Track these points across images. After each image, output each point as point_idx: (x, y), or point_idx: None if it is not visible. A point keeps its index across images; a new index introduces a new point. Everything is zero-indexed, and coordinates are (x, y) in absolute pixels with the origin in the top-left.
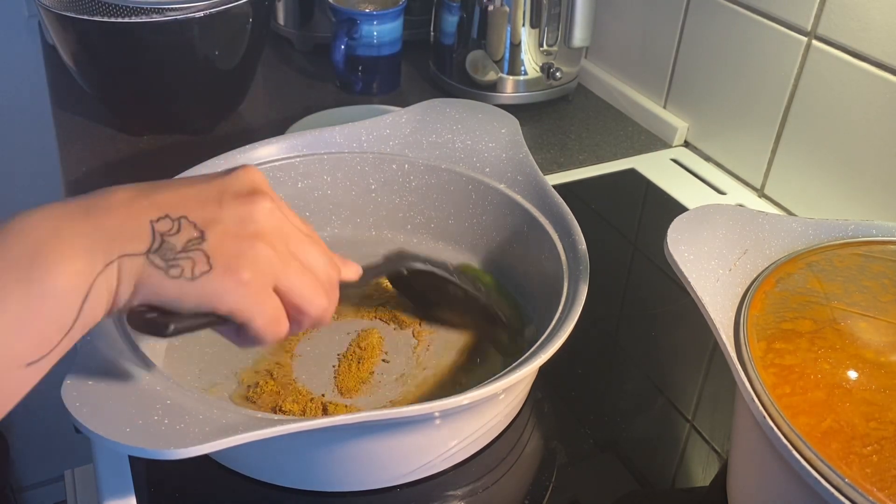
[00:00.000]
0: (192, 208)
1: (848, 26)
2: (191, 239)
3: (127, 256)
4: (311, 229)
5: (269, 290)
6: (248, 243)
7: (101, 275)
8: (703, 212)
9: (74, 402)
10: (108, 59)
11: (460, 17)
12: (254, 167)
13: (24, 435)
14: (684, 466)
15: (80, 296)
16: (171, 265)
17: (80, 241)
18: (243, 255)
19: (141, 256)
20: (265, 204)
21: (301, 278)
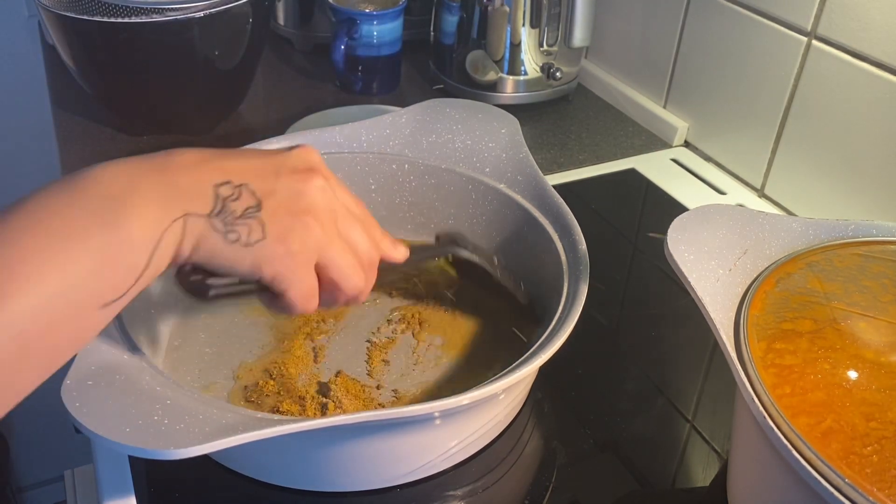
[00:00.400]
0: (253, 178)
1: (848, 26)
2: (249, 207)
3: (192, 216)
4: (363, 207)
5: (311, 265)
6: (300, 218)
7: (169, 228)
8: (703, 212)
9: (74, 402)
10: (108, 59)
11: (460, 17)
12: (311, 147)
13: (24, 435)
14: (684, 466)
15: (151, 245)
16: (230, 230)
17: (154, 195)
18: (294, 227)
19: (203, 217)
20: (318, 182)
21: (343, 256)
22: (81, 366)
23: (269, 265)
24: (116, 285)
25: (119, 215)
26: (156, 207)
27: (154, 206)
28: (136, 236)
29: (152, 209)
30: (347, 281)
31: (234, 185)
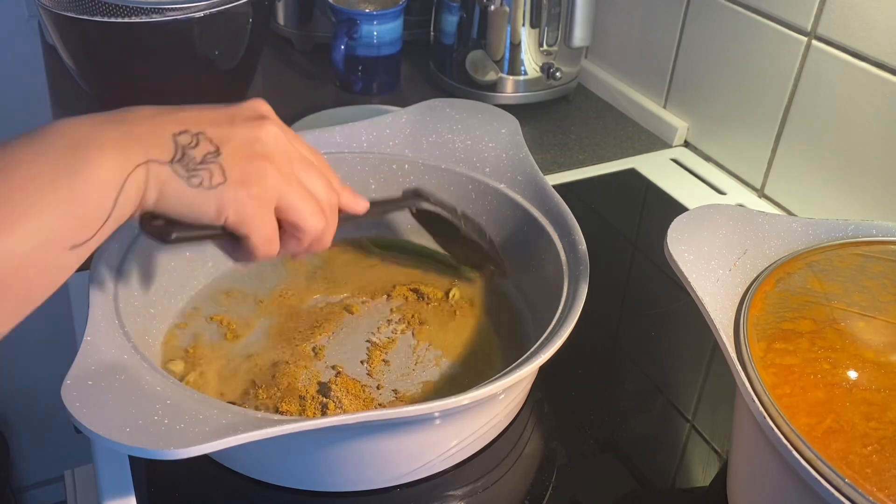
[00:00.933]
0: (208, 126)
1: (848, 26)
2: (208, 153)
3: (154, 162)
4: (320, 157)
5: (271, 209)
6: (257, 162)
7: (132, 174)
8: (703, 212)
9: (74, 402)
10: (108, 59)
11: (460, 17)
12: (262, 100)
13: (24, 435)
14: (684, 466)
15: (115, 188)
16: (192, 174)
17: (115, 142)
18: (252, 171)
19: (166, 164)
20: (272, 129)
21: (301, 199)
22: (81, 366)
23: (233, 208)
24: (83, 227)
25: (83, 161)
26: (117, 153)
27: (116, 153)
28: (101, 179)
29: (114, 155)
30: (307, 222)
31: (192, 133)
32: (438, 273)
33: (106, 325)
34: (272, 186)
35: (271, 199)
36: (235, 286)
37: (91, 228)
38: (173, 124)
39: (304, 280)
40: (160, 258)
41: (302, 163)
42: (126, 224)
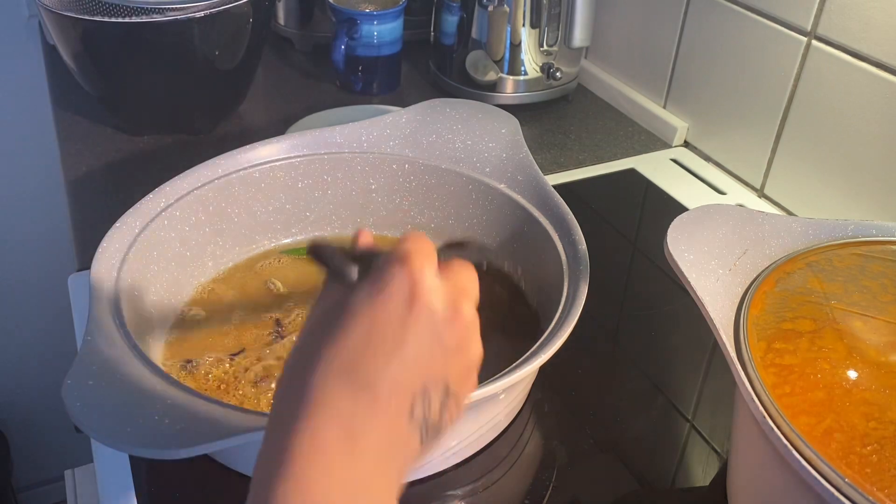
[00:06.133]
0: (432, 384)
1: (848, 26)
2: (441, 406)
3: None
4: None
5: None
6: (472, 376)
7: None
8: (703, 212)
9: (74, 402)
10: (107, 59)
11: (460, 17)
12: (417, 272)
13: (24, 435)
14: (684, 466)
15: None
16: (435, 433)
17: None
18: (469, 382)
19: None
20: (473, 337)
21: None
22: (81, 366)
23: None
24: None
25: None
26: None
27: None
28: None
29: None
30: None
31: (428, 406)
32: None
33: (106, 325)
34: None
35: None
36: (235, 286)
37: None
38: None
39: (306, 281)
40: (160, 258)
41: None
42: (126, 225)
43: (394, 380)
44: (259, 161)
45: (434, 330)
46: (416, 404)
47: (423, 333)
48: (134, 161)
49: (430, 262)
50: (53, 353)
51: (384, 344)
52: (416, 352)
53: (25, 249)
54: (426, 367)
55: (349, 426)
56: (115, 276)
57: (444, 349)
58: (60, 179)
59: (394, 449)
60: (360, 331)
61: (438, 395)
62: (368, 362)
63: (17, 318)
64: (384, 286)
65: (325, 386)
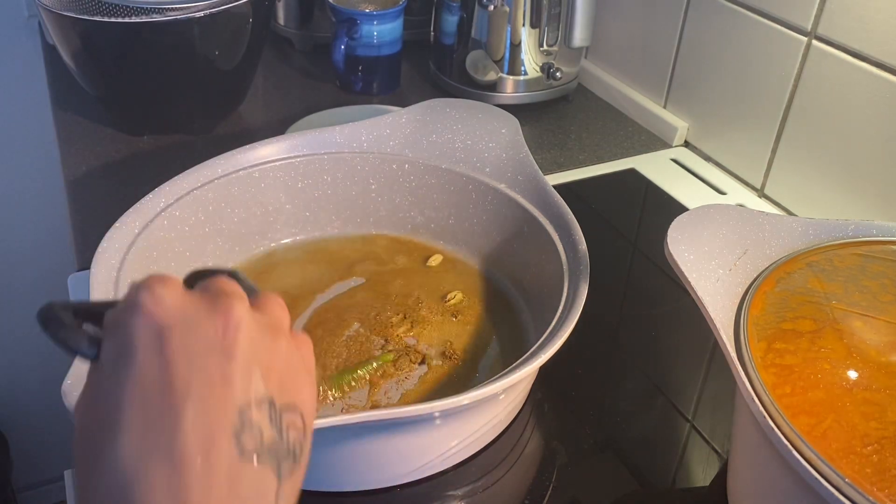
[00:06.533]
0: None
1: (848, 26)
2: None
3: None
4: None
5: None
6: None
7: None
8: (704, 212)
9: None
10: (107, 58)
11: (460, 17)
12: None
13: (24, 435)
14: (684, 466)
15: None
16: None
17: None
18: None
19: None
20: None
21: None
22: (81, 366)
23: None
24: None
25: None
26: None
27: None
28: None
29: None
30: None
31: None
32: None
33: None
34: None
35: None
36: None
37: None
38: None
39: (306, 281)
40: (160, 258)
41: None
42: (125, 225)
43: (193, 430)
44: (259, 161)
45: (200, 349)
46: (240, 437)
47: (189, 364)
48: (134, 161)
49: (165, 286)
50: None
51: (162, 403)
52: (197, 389)
53: (25, 249)
54: (218, 395)
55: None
56: (115, 276)
57: (225, 363)
58: (60, 179)
59: (248, 495)
60: (132, 401)
61: (262, 415)
62: (157, 430)
63: (17, 318)
64: (124, 341)
65: (133, 482)
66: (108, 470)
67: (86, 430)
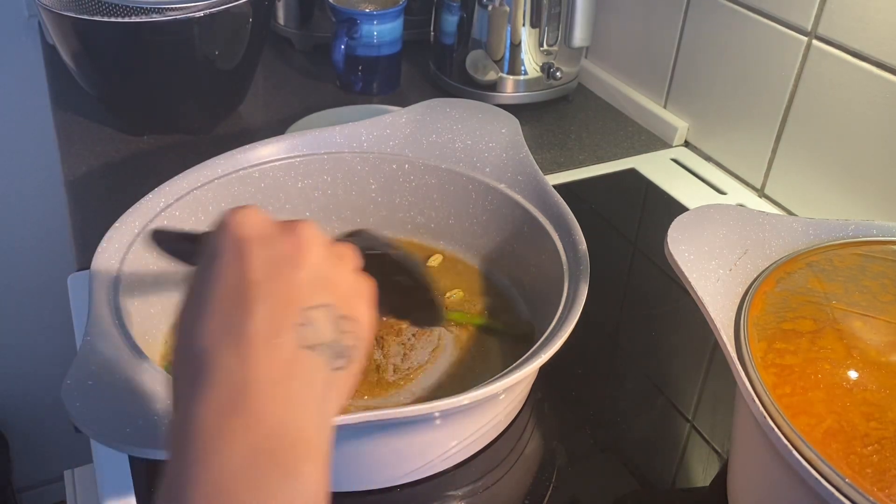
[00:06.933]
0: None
1: (848, 26)
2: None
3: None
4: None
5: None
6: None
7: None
8: (704, 212)
9: (74, 402)
10: (107, 58)
11: (460, 17)
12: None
13: (24, 435)
14: (684, 466)
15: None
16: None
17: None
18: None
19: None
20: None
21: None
22: (81, 366)
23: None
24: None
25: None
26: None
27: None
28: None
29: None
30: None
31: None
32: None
33: (106, 325)
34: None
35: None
36: None
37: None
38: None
39: None
40: (160, 258)
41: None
42: (125, 225)
43: (263, 319)
44: (259, 161)
45: (274, 259)
46: (302, 331)
47: (264, 269)
48: (134, 161)
49: (250, 212)
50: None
51: (239, 297)
52: (267, 289)
53: (25, 249)
54: (286, 295)
55: (243, 381)
56: (115, 276)
57: (294, 271)
58: (60, 179)
59: (302, 377)
60: (216, 293)
61: (323, 315)
62: (233, 316)
63: (17, 318)
64: (214, 248)
65: (209, 353)
66: (193, 341)
67: (184, 312)
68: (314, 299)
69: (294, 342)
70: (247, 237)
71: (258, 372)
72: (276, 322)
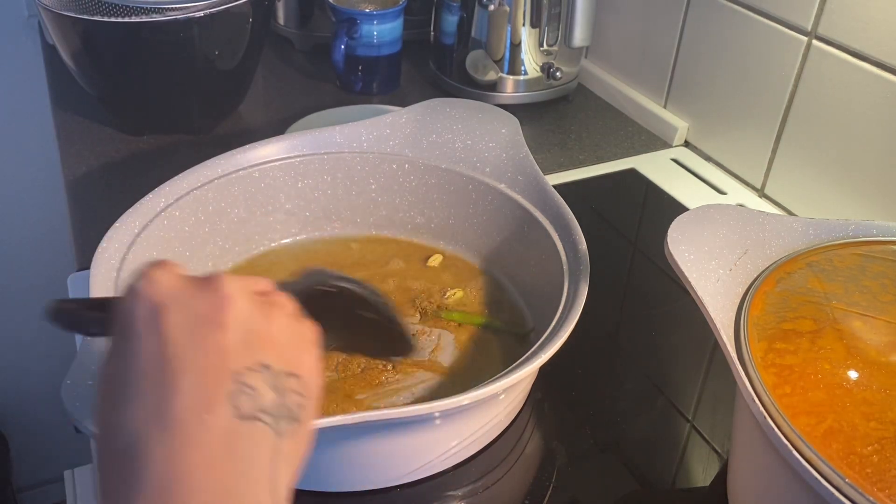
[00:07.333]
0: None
1: (848, 26)
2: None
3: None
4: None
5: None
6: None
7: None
8: (704, 212)
9: (74, 402)
10: (107, 58)
11: (460, 17)
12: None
13: (24, 435)
14: (684, 466)
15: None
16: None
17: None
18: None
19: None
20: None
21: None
22: (81, 366)
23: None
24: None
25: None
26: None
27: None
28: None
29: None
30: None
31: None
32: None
33: None
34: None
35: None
36: None
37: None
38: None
39: None
40: (160, 258)
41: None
42: (125, 225)
43: (189, 395)
44: (259, 161)
45: (194, 323)
46: (237, 400)
47: (184, 336)
48: (134, 161)
49: (162, 271)
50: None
51: (159, 374)
52: (191, 359)
53: (25, 249)
54: (213, 363)
55: (174, 473)
56: (115, 277)
57: (218, 333)
58: (60, 179)
59: (243, 453)
60: (134, 372)
61: (259, 378)
62: (156, 397)
63: (17, 318)
64: (125, 320)
65: (135, 446)
66: (117, 434)
67: (103, 400)
68: (246, 361)
69: (229, 414)
70: (160, 303)
71: (192, 458)
72: (206, 395)
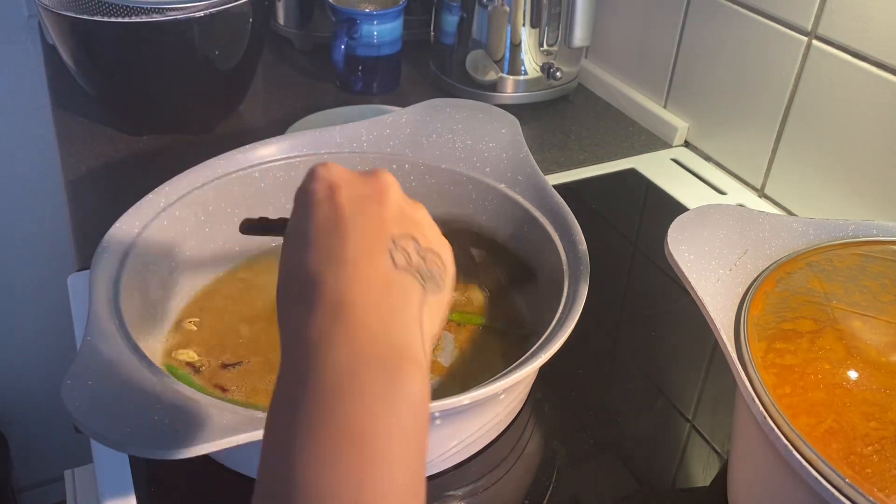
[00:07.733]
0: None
1: (848, 26)
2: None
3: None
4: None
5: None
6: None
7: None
8: (704, 212)
9: (74, 402)
10: (107, 58)
11: (460, 17)
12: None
13: (24, 435)
14: (684, 466)
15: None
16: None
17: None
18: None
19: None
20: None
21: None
22: (81, 366)
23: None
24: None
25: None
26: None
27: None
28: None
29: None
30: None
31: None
32: None
33: (106, 325)
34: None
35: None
36: (236, 286)
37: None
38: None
39: None
40: (161, 258)
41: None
42: (125, 225)
43: (357, 244)
44: (259, 161)
45: (361, 198)
46: (393, 254)
47: (353, 206)
48: (134, 161)
49: (333, 164)
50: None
51: (335, 229)
52: (359, 221)
53: (25, 249)
54: (375, 226)
55: (345, 295)
56: (115, 277)
57: (380, 207)
58: (60, 179)
59: (399, 294)
60: (313, 228)
61: (409, 244)
62: (331, 243)
63: (17, 318)
64: (306, 194)
65: (314, 277)
66: (300, 269)
67: (288, 247)
68: (400, 229)
69: (387, 263)
70: (335, 182)
71: (359, 286)
72: (369, 245)
